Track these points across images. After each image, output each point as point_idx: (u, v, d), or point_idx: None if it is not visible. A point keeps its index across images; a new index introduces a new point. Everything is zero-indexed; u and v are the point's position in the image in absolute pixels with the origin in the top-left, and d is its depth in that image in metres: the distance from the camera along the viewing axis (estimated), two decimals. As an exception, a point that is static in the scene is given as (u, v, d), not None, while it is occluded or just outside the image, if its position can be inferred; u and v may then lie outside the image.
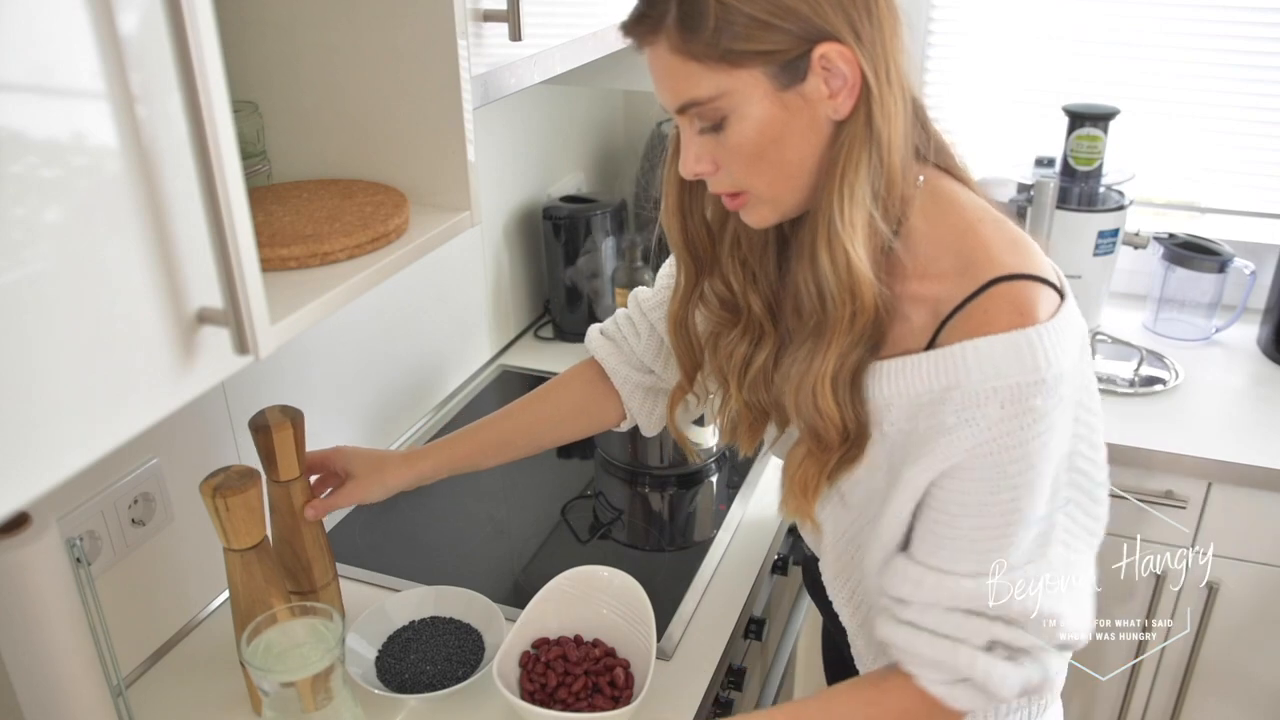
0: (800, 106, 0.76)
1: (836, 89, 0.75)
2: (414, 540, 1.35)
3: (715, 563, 1.29)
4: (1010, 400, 0.74)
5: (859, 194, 0.77)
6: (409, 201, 0.92)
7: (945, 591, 0.81)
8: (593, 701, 1.03)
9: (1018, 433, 0.75)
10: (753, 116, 0.76)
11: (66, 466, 0.50)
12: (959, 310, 0.78)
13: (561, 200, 1.85)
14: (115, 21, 0.49)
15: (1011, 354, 0.74)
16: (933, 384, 0.78)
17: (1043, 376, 0.74)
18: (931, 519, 0.81)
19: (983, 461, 0.76)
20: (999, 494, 0.77)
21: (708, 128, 0.78)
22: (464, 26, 0.88)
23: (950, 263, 0.79)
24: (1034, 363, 0.74)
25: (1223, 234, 1.87)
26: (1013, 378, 0.74)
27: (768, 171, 0.79)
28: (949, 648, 0.81)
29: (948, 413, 0.77)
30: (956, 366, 0.76)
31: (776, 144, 0.77)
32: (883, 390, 0.82)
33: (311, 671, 0.87)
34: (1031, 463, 0.76)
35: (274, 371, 1.24)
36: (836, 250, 0.77)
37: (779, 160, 0.78)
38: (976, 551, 0.80)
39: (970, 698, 0.83)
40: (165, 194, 0.53)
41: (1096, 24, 1.91)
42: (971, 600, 0.80)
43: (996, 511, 0.78)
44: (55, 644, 0.83)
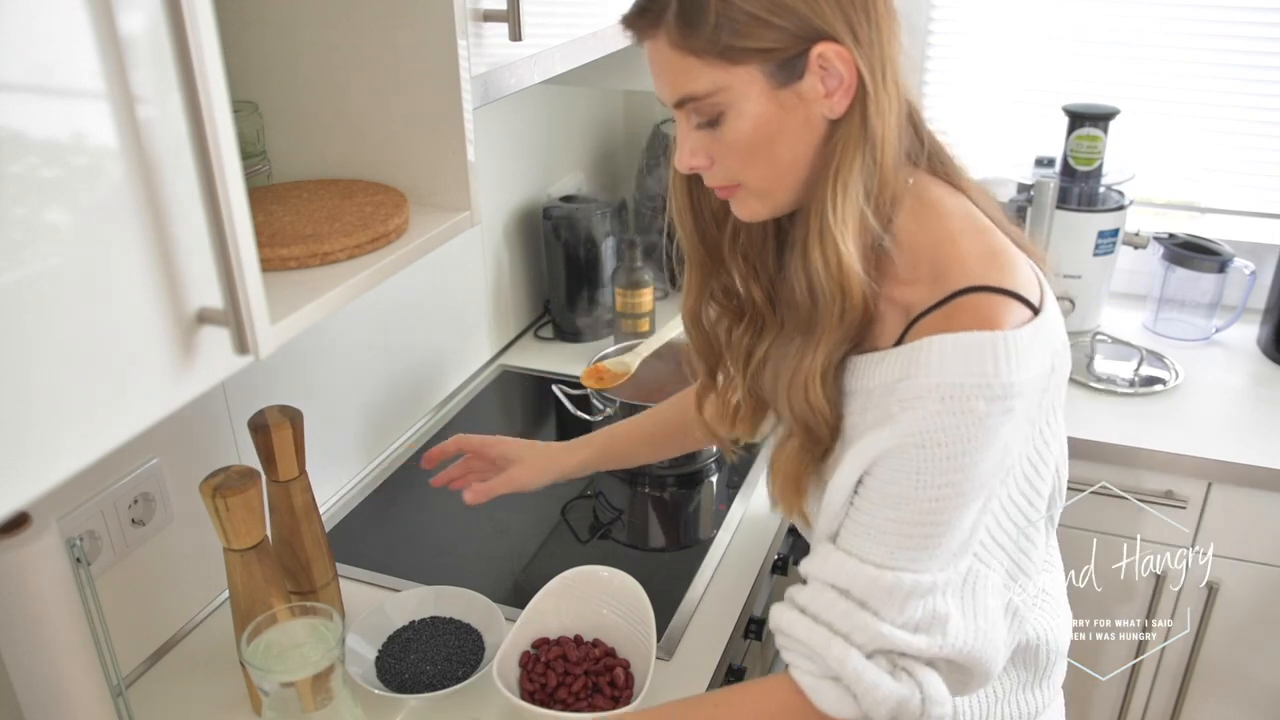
0: (796, 105, 0.77)
1: (832, 88, 0.76)
2: (414, 540, 1.35)
3: (715, 563, 1.29)
4: (951, 397, 0.74)
5: (852, 192, 0.77)
6: (409, 201, 0.92)
7: (844, 573, 0.80)
8: (593, 701, 1.03)
9: (952, 430, 0.74)
10: (749, 114, 0.77)
11: (66, 466, 0.50)
12: (925, 314, 0.78)
13: (561, 200, 1.85)
14: (115, 21, 0.49)
15: (962, 354, 0.74)
16: (887, 378, 0.79)
17: (989, 382, 0.73)
18: (855, 504, 0.81)
19: (911, 453, 0.76)
20: (922, 490, 0.76)
21: (704, 123, 0.79)
22: (464, 26, 0.88)
23: (926, 270, 0.80)
24: (982, 367, 0.74)
25: (1223, 234, 1.87)
26: (958, 376, 0.74)
27: (761, 167, 0.80)
28: (824, 637, 0.80)
29: (892, 402, 0.77)
30: (911, 360, 0.77)
31: (771, 141, 0.78)
32: (850, 381, 0.83)
33: (311, 671, 0.87)
34: (960, 465, 0.75)
35: (274, 371, 1.24)
36: (828, 247, 0.78)
37: (772, 157, 0.79)
38: (887, 545, 0.79)
39: (837, 699, 0.80)
40: (165, 194, 0.53)
41: (1096, 24, 1.91)
42: (868, 591, 0.79)
43: (916, 509, 0.77)
44: (55, 644, 0.83)
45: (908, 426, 0.76)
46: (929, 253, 0.80)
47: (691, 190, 0.90)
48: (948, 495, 0.76)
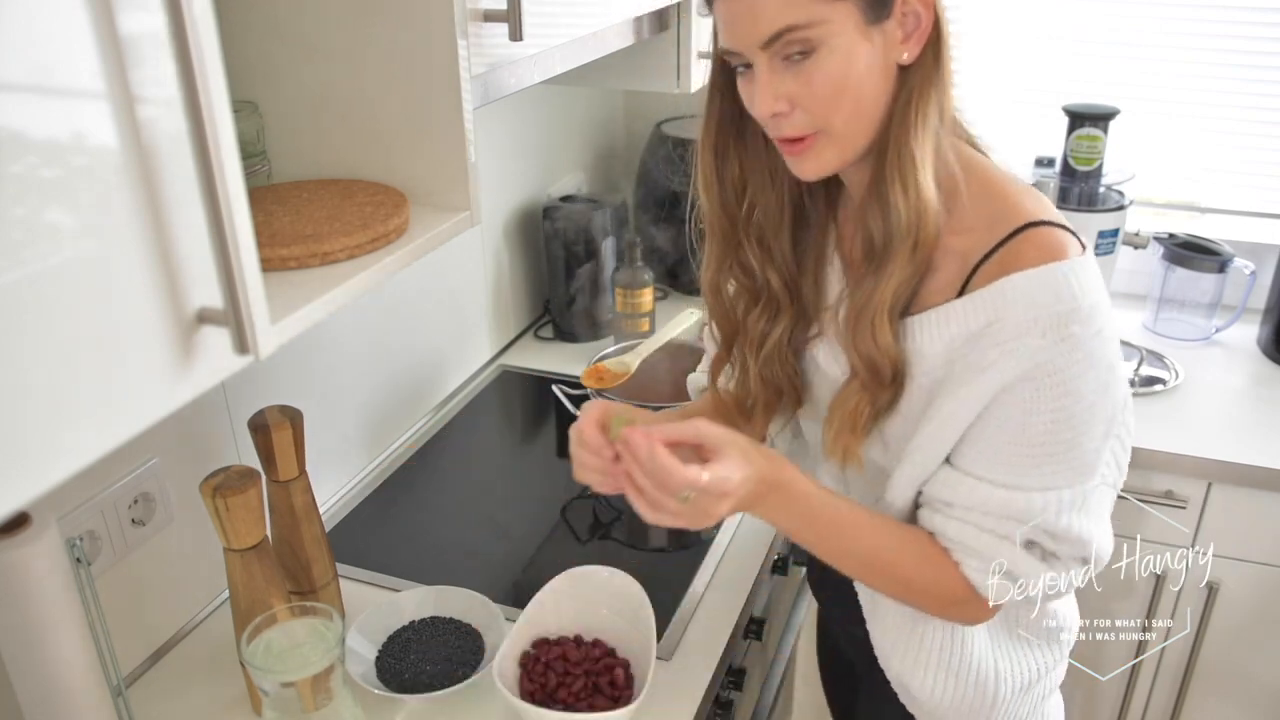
0: (880, 45, 0.80)
1: (909, 32, 0.81)
2: (414, 540, 1.35)
3: (715, 563, 1.29)
4: (1050, 328, 0.78)
5: (930, 127, 0.82)
6: (409, 201, 0.91)
7: (979, 497, 0.85)
8: (593, 701, 1.03)
9: (1057, 359, 0.79)
10: (841, 50, 0.78)
11: (66, 466, 0.50)
12: (988, 258, 0.82)
13: (561, 200, 1.85)
14: (115, 21, 0.49)
15: (1046, 286, 0.79)
16: (969, 325, 0.82)
17: (1078, 304, 0.78)
18: (974, 433, 0.85)
19: (1023, 387, 0.80)
20: (1036, 418, 0.81)
21: (795, 55, 0.79)
22: (464, 26, 0.88)
23: (979, 217, 0.84)
24: (1069, 292, 0.78)
25: (1223, 234, 1.87)
26: (1050, 307, 0.78)
27: (847, 108, 0.81)
28: (992, 541, 0.86)
29: (987, 347, 0.81)
30: (994, 303, 0.81)
31: (860, 80, 0.80)
32: (916, 341, 0.86)
33: (311, 671, 0.87)
34: (1068, 389, 0.80)
35: (274, 371, 1.24)
36: (909, 181, 0.81)
37: (858, 97, 0.81)
38: (1012, 468, 0.84)
39: (1001, 589, 0.87)
40: (165, 194, 0.53)
41: (1096, 24, 1.91)
42: (1005, 508, 0.85)
43: (1034, 435, 0.82)
44: (55, 644, 0.83)
45: (1016, 367, 0.80)
46: (981, 200, 0.85)
47: (717, 162, 0.93)
48: (1061, 420, 0.81)
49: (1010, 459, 0.84)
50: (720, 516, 0.85)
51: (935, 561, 0.89)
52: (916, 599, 0.93)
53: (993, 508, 0.85)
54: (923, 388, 0.87)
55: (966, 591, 0.89)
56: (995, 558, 0.86)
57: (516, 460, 1.59)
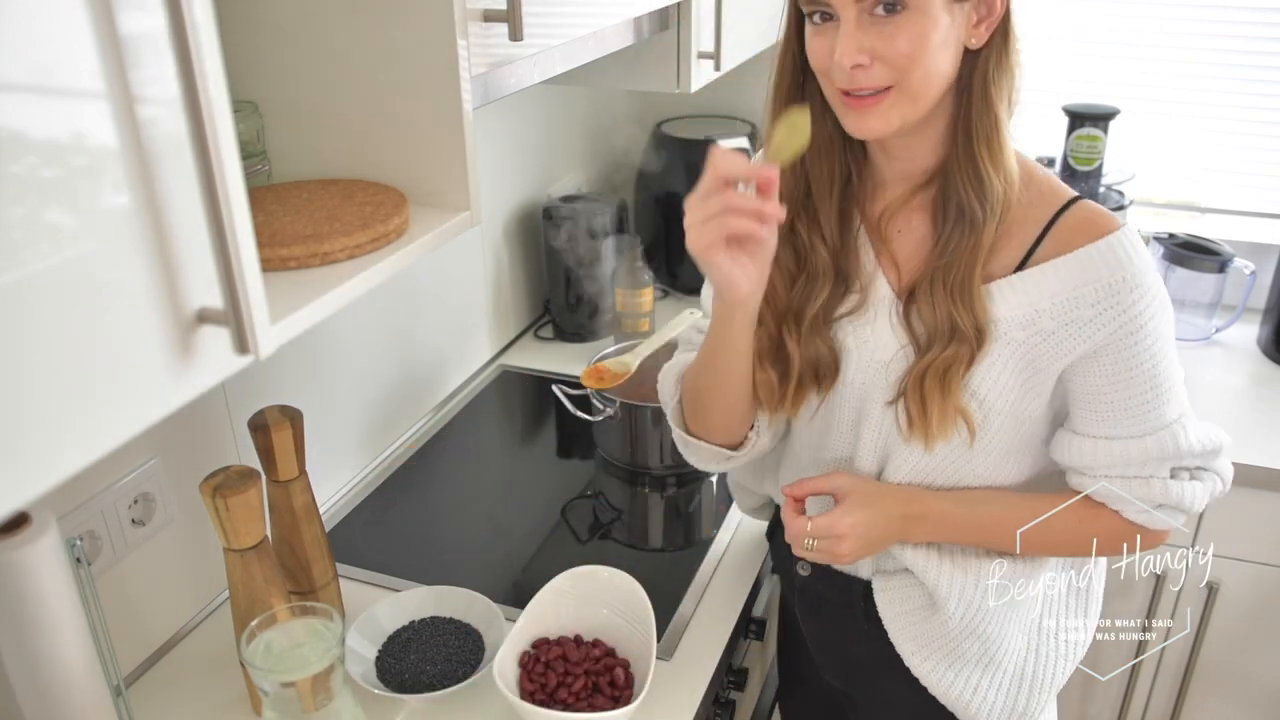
0: (959, 22, 0.86)
1: (982, 17, 0.87)
2: (414, 540, 1.35)
3: (715, 563, 1.29)
4: (1136, 285, 0.88)
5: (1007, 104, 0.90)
6: (409, 201, 0.91)
7: (1115, 455, 0.94)
8: (593, 701, 1.03)
9: (1136, 317, 0.88)
10: (930, 15, 0.84)
11: (66, 466, 0.50)
12: (1050, 228, 0.91)
13: (561, 200, 1.85)
14: (115, 21, 0.49)
15: (1120, 249, 0.88)
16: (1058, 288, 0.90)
17: (1147, 262, 0.89)
18: (1085, 400, 0.94)
19: (1113, 346, 0.90)
20: (1136, 369, 0.91)
21: (883, 10, 0.83)
22: (464, 26, 0.88)
23: (1033, 190, 0.92)
24: (1138, 252, 0.89)
25: (1223, 234, 1.87)
26: (1129, 267, 0.88)
27: (922, 69, 0.85)
28: (1142, 485, 0.95)
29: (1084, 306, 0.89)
30: (1083, 267, 0.89)
31: (938, 46, 0.85)
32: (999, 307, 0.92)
33: (311, 671, 0.87)
34: (1155, 335, 0.90)
35: (274, 371, 1.24)
36: (997, 154, 0.89)
37: (934, 61, 0.86)
38: (1131, 417, 0.93)
39: (1169, 517, 0.97)
40: (165, 194, 0.53)
41: (1096, 24, 1.91)
42: (1142, 455, 0.94)
43: (1138, 384, 0.92)
44: (55, 644, 0.83)
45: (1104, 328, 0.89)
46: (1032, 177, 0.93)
47: None
48: (1157, 359, 0.91)
49: (1130, 411, 0.93)
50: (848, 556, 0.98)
51: (1096, 514, 0.99)
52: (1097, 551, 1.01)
53: (1133, 458, 0.94)
54: (995, 353, 0.92)
55: (1134, 530, 0.99)
56: (1148, 499, 0.96)
57: (516, 460, 1.59)
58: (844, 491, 0.99)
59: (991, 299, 0.92)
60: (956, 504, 0.99)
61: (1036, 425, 0.98)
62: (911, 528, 0.99)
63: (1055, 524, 0.98)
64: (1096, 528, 0.99)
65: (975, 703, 1.04)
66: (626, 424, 1.46)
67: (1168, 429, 0.94)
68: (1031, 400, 0.95)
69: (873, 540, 0.98)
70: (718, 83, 1.55)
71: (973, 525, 1.00)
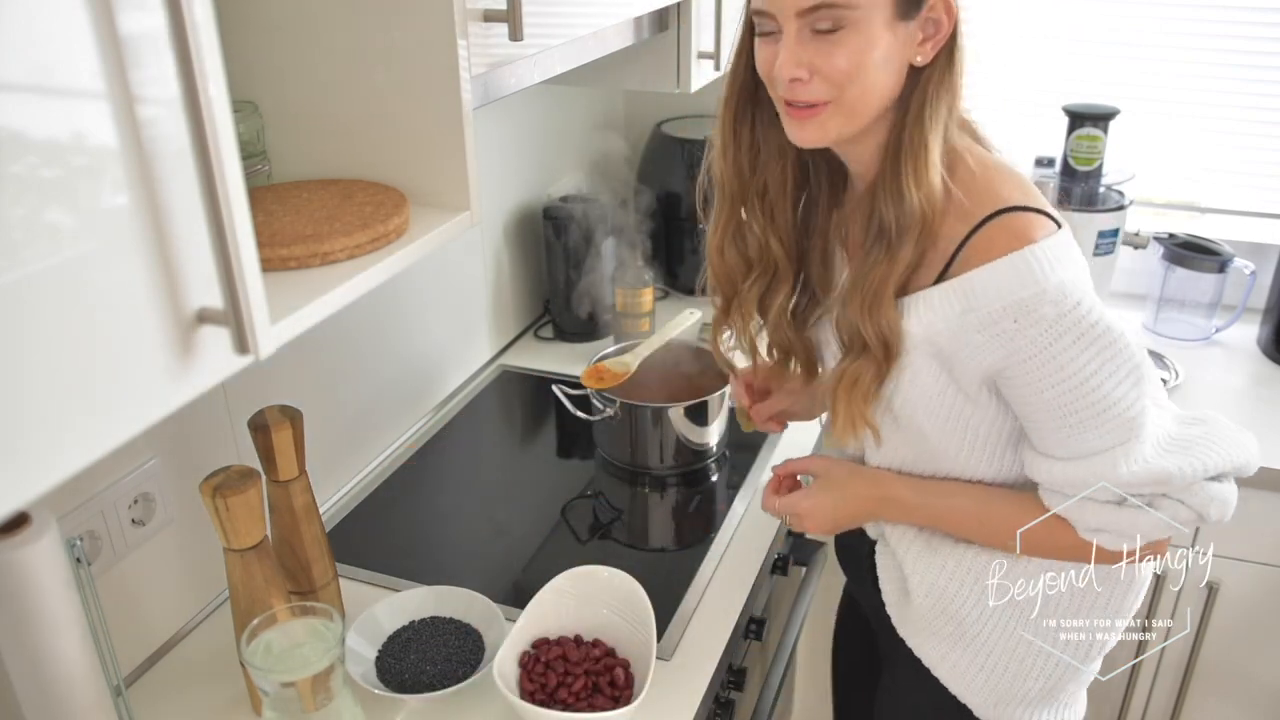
0: (903, 41, 0.87)
1: (928, 35, 0.88)
2: (414, 540, 1.35)
3: (715, 563, 1.29)
4: (1020, 314, 0.85)
5: (940, 124, 0.89)
6: (409, 201, 0.92)
7: (1055, 474, 0.94)
8: (593, 701, 1.03)
9: (1035, 341, 0.86)
10: (869, 34, 0.85)
11: (66, 467, 0.50)
12: (965, 243, 0.89)
13: (561, 200, 1.85)
14: (115, 21, 0.49)
15: (1011, 273, 0.85)
16: (949, 311, 0.89)
17: (1044, 287, 0.85)
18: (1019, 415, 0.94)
19: (1018, 369, 0.88)
20: (1039, 396, 0.89)
21: (825, 29, 0.85)
22: (464, 26, 0.88)
23: (958, 205, 0.90)
24: (1032, 277, 0.85)
25: (1223, 234, 1.87)
26: (1016, 294, 0.85)
27: (859, 86, 0.87)
28: (1077, 508, 0.94)
29: (971, 332, 0.88)
30: (967, 293, 0.88)
31: (874, 65, 0.87)
32: (905, 322, 0.93)
33: (311, 671, 0.87)
34: (1060, 364, 0.87)
35: (274, 371, 1.24)
36: (921, 172, 0.89)
37: (872, 79, 0.87)
38: (1054, 440, 0.92)
39: (1111, 540, 0.96)
40: (165, 194, 0.53)
41: (1096, 24, 1.91)
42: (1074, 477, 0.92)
43: (1047, 410, 0.90)
44: (55, 644, 0.83)
45: (1001, 348, 0.88)
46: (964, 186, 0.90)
47: (735, 125, 0.99)
48: (1072, 391, 0.88)
49: (1056, 434, 0.91)
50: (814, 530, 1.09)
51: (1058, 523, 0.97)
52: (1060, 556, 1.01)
53: (1069, 479, 0.93)
54: (911, 365, 0.94)
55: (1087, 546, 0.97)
56: (1083, 522, 0.95)
57: (516, 460, 1.59)
58: (818, 473, 1.09)
59: (905, 312, 0.92)
60: (923, 493, 1.02)
61: (995, 430, 0.97)
62: (882, 509, 1.05)
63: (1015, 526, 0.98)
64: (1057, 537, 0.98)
65: (954, 677, 1.07)
66: (626, 424, 1.46)
67: (1099, 456, 0.91)
68: (969, 408, 0.95)
69: (839, 519, 1.08)
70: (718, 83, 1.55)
71: (939, 514, 1.03)
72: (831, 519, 1.08)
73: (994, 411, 0.96)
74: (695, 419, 1.45)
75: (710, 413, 1.46)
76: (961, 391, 0.94)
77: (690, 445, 1.47)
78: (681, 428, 1.45)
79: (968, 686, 1.06)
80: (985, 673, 1.06)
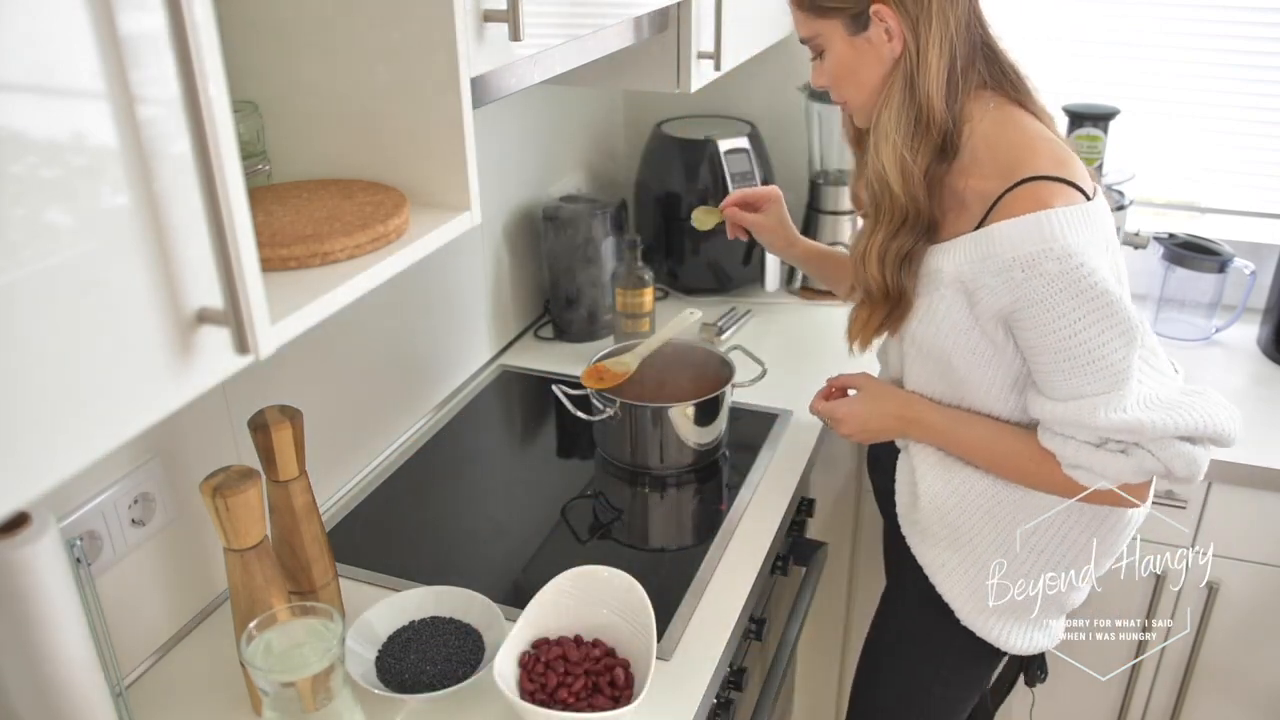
0: (867, 47, 1.08)
1: (892, 34, 1.06)
2: (414, 540, 1.35)
3: (715, 563, 1.29)
4: (1026, 266, 1.00)
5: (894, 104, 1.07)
6: (409, 201, 0.92)
7: (1045, 411, 1.07)
8: (593, 701, 1.03)
9: (1036, 291, 1.00)
10: (835, 52, 1.11)
11: (66, 467, 0.50)
12: (998, 202, 1.03)
13: (561, 200, 1.85)
14: (115, 21, 0.49)
15: (1025, 230, 1.00)
16: (973, 255, 1.05)
17: (1051, 246, 0.98)
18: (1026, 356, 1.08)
19: (1024, 314, 1.03)
20: (1041, 340, 1.03)
21: (815, 57, 1.15)
22: (464, 26, 0.88)
23: (1000, 166, 1.05)
24: (1041, 235, 0.99)
25: (1223, 234, 1.87)
26: (1025, 248, 1.00)
27: (850, 89, 1.13)
28: (1062, 444, 1.08)
29: (988, 275, 1.03)
30: (989, 242, 1.03)
31: (852, 72, 1.11)
32: (933, 264, 1.10)
33: (311, 671, 0.87)
34: (1057, 314, 1.00)
35: (274, 371, 1.24)
36: (876, 154, 1.08)
37: (857, 83, 1.11)
38: (1050, 381, 1.06)
39: (1087, 477, 1.08)
40: (165, 194, 0.53)
41: (1096, 24, 1.91)
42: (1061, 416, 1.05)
43: (1046, 354, 1.04)
44: (55, 644, 0.83)
45: (1009, 294, 1.02)
46: (1006, 152, 1.06)
47: None
48: (1065, 340, 1.01)
49: (1051, 376, 1.05)
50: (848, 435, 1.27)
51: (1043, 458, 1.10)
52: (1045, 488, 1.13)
53: (1057, 417, 1.06)
54: (943, 298, 1.09)
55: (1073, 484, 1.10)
56: (1064, 457, 1.08)
57: (516, 460, 1.59)
58: (860, 387, 1.28)
59: (941, 254, 1.09)
60: (947, 419, 1.18)
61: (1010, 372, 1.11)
62: (907, 428, 1.21)
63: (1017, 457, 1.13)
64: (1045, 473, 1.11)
65: (943, 578, 1.21)
66: (626, 424, 1.46)
67: (1085, 400, 1.03)
68: (989, 349, 1.10)
69: (870, 429, 1.25)
70: (718, 83, 1.55)
71: (957, 438, 1.17)
72: (863, 426, 1.25)
73: (1010, 355, 1.10)
74: (695, 419, 1.45)
75: (711, 413, 1.47)
76: (982, 330, 1.08)
77: (690, 445, 1.47)
78: (681, 428, 1.45)
79: (952, 589, 1.21)
80: (969, 580, 1.19)
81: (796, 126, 2.05)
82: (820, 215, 2.02)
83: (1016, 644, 1.21)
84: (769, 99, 2.05)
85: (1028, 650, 1.22)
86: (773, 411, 1.61)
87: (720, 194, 1.92)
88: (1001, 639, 1.21)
